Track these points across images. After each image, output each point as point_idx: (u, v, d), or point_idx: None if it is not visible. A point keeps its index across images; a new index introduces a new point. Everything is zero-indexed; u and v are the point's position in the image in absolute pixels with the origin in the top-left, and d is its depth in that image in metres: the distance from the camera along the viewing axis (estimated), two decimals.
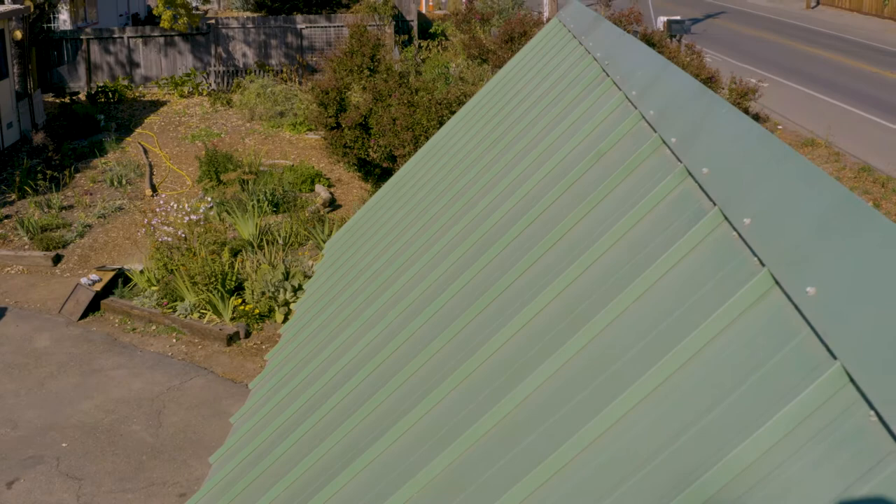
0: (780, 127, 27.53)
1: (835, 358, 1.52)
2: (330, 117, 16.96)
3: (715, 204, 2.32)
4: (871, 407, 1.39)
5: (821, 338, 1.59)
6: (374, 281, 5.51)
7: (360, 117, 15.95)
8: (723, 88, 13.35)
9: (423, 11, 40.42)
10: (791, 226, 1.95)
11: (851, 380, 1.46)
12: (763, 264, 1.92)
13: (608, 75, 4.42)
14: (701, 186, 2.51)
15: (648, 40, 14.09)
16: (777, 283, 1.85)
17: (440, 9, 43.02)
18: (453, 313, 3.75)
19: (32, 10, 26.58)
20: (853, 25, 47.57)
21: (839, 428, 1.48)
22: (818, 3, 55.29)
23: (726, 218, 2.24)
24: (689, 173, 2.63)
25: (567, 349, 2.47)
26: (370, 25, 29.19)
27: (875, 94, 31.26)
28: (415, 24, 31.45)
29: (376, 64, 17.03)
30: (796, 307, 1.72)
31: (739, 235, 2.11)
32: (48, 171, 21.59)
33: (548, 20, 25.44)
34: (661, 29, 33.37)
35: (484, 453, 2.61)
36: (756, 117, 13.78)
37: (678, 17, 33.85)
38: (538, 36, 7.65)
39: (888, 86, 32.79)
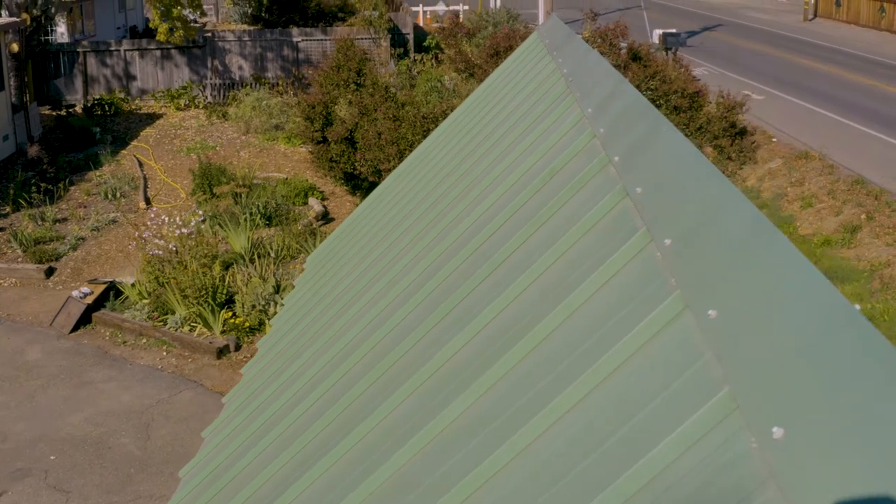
0: (774, 140, 27.58)
1: (725, 383, 1.53)
2: (316, 131, 17.00)
3: (644, 224, 2.34)
4: (753, 434, 1.40)
5: (717, 362, 1.61)
6: (344, 296, 5.53)
7: (346, 131, 16.00)
8: (710, 102, 13.41)
9: (421, 24, 40.50)
10: (705, 248, 1.97)
11: (738, 406, 1.47)
12: (677, 286, 1.93)
13: (571, 92, 4.45)
14: (635, 205, 2.53)
15: (636, 54, 14.15)
16: (687, 305, 1.87)
17: (437, 22, 43.09)
18: (412, 325, 3.77)
19: (29, 22, 26.66)
20: (850, 38, 47.67)
21: (724, 454, 1.48)
22: (815, 16, 55.42)
23: (653, 238, 2.25)
24: (627, 192, 2.65)
25: (507, 361, 2.49)
26: (366, 39, 29.27)
27: (871, 107, 31.32)
28: (411, 38, 31.52)
29: (362, 78, 17.09)
30: (701, 330, 1.73)
31: (662, 256, 2.13)
32: (42, 184, 21.63)
33: (587, 36, 25.52)
34: (657, 42, 33.46)
35: (427, 462, 2.62)
36: (744, 130, 13.82)
37: (674, 31, 33.95)
38: (518, 50, 7.68)
39: (884, 98, 32.85)
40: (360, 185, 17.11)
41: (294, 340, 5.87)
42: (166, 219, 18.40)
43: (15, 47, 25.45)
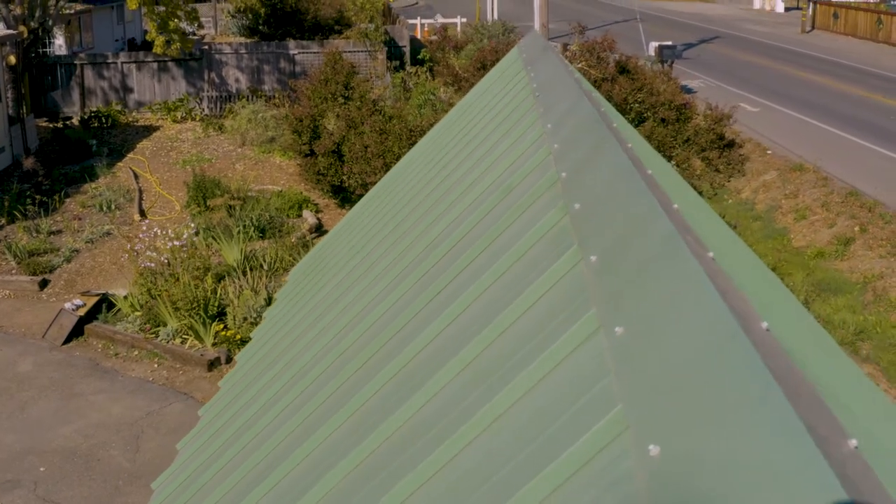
0: (769, 152, 27.64)
1: (619, 401, 1.56)
2: (304, 144, 17.06)
3: (576, 241, 2.37)
4: (635, 452, 1.42)
5: (616, 379, 1.63)
6: (318, 310, 5.56)
7: (334, 144, 16.06)
8: (697, 115, 13.47)
9: (418, 37, 40.60)
10: (622, 265, 2.00)
11: (628, 424, 1.50)
12: (594, 303, 1.96)
13: (536, 107, 4.49)
14: (572, 222, 2.56)
15: (623, 67, 14.21)
16: (601, 322, 1.90)
17: (435, 34, 43.15)
18: (368, 339, 3.80)
19: (26, 35, 26.76)
20: (847, 50, 47.78)
21: (612, 472, 1.50)
22: (813, 28, 55.55)
23: (582, 256, 2.29)
24: (568, 209, 2.68)
25: (439, 379, 2.52)
26: (362, 51, 29.37)
27: (866, 119, 31.38)
28: (407, 50, 31.63)
29: (350, 91, 17.16)
30: (609, 347, 1.76)
31: (587, 273, 2.16)
32: (38, 196, 21.68)
33: (576, 49, 25.62)
34: (653, 54, 33.55)
35: (375, 465, 2.66)
36: (732, 142, 13.86)
37: (670, 43, 34.05)
38: (498, 65, 7.73)
39: (880, 110, 32.91)
40: (349, 197, 17.19)
41: (269, 353, 5.90)
42: (158, 231, 18.44)
43: (12, 59, 25.54)
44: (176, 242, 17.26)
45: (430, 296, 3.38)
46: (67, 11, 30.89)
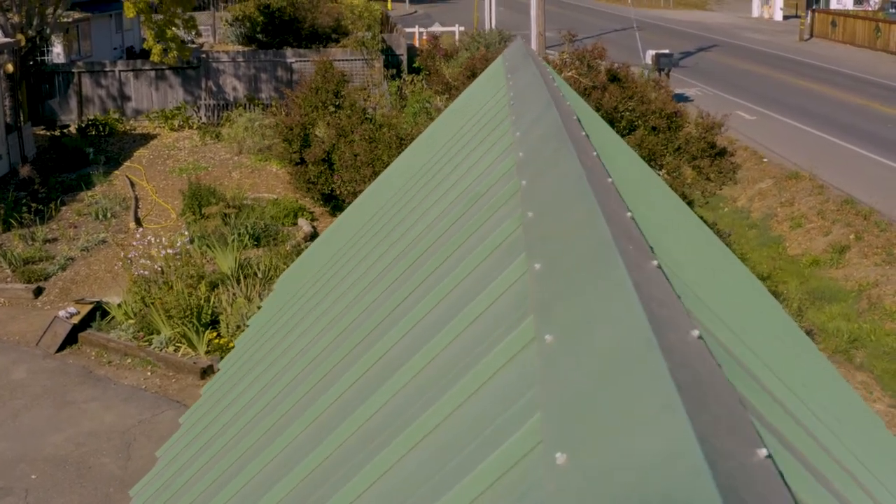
0: (765, 160, 27.66)
1: (536, 410, 1.57)
2: (294, 153, 17.10)
3: (524, 249, 2.39)
4: (544, 461, 1.43)
5: (540, 389, 1.64)
6: (299, 319, 5.57)
7: (324, 153, 16.09)
8: (689, 123, 13.49)
9: (416, 45, 40.64)
10: (560, 273, 2.01)
11: (542, 434, 1.50)
12: (531, 311, 1.97)
13: (510, 115, 4.51)
14: (524, 230, 2.58)
15: (614, 75, 14.23)
16: (537, 331, 1.91)
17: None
18: (331, 350, 3.82)
19: (24, 43, 26.82)
20: (846, 58, 47.84)
21: (524, 482, 1.51)
22: (811, 36, 55.62)
23: (529, 264, 2.30)
24: (523, 217, 2.70)
25: (399, 378, 2.53)
26: (359, 60, 29.43)
27: (863, 127, 31.42)
28: (404, 59, 31.67)
29: (341, 100, 17.20)
30: (539, 356, 1.77)
31: (531, 282, 2.17)
32: (34, 204, 21.71)
33: (567, 58, 25.67)
34: (650, 62, 33.61)
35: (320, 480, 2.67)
36: (723, 151, 13.88)
37: (667, 51, 34.11)
38: (483, 73, 7.76)
39: (877, 118, 32.95)
40: (340, 206, 17.23)
41: (249, 360, 5.92)
42: (152, 239, 18.46)
43: (10, 67, 25.59)
44: (170, 250, 17.28)
45: (393, 304, 3.40)
46: (65, 20, 30.95)
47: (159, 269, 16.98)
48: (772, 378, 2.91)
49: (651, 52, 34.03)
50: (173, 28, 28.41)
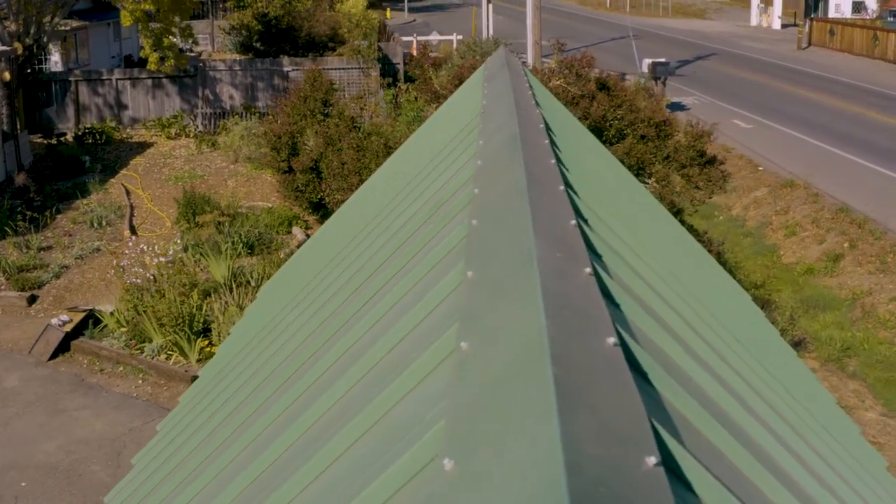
0: (760, 168, 27.69)
1: (442, 417, 1.58)
2: (283, 161, 17.14)
3: (463, 258, 2.41)
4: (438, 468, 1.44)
5: (449, 396, 1.66)
6: (274, 328, 5.59)
7: (311, 161, 16.14)
8: (678, 132, 13.52)
9: (414, 54, 40.70)
10: (487, 281, 2.03)
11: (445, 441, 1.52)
12: (457, 319, 1.99)
13: (479, 123, 4.53)
14: (467, 238, 2.60)
15: (603, 84, 14.27)
16: (459, 339, 1.92)
17: (432, 52, 43.28)
18: (305, 368, 3.84)
19: (21, 51, 26.86)
20: (843, 66, 47.91)
21: (423, 491, 1.52)
22: (809, 45, 55.70)
23: (465, 272, 2.31)
24: (468, 226, 2.71)
25: (341, 385, 2.55)
26: (356, 68, 29.49)
27: (859, 135, 31.45)
28: (401, 67, 31.73)
29: (329, 108, 17.25)
30: (455, 363, 1.79)
31: (463, 289, 2.19)
32: (28, 212, 21.74)
33: (532, 65, 25.74)
34: (647, 71, 33.66)
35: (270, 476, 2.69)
36: (713, 159, 13.91)
37: (663, 60, 34.16)
38: (467, 81, 7.79)
39: (873, 127, 32.99)
40: (329, 214, 17.27)
41: (225, 367, 5.94)
42: (145, 247, 18.49)
43: (6, 76, 25.65)
44: (162, 258, 17.30)
45: (349, 313, 3.42)
46: (63, 28, 31.02)
47: (151, 277, 17.00)
48: (717, 389, 2.93)
49: (647, 61, 34.07)
50: (170, 37, 28.46)
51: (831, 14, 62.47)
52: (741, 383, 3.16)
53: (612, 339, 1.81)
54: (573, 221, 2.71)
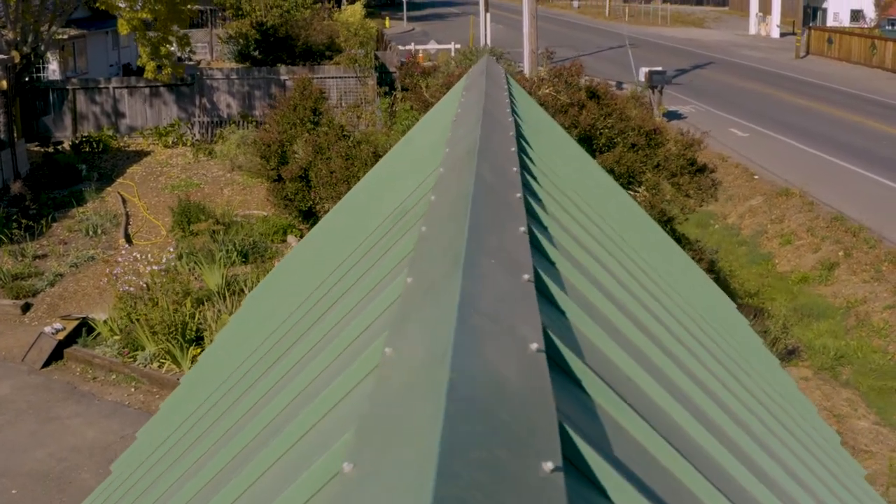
0: (756, 177, 27.71)
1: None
2: (272, 169, 17.19)
3: (408, 265, 2.43)
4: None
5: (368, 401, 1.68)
6: (241, 340, 5.61)
7: (301, 170, 16.19)
8: (668, 141, 13.55)
9: (420, 62, 40.78)
10: (421, 287, 2.04)
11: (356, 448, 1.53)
12: (385, 327, 2.01)
13: (450, 131, 4.56)
14: (416, 245, 2.62)
15: (593, 92, 14.30)
16: (386, 345, 1.94)
17: (430, 60, 43.48)
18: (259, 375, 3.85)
19: (19, 60, 26.93)
20: (841, 75, 47.98)
21: (325, 496, 1.53)
22: (807, 53, 55.78)
23: (406, 279, 2.34)
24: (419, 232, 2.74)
25: (291, 390, 2.57)
26: (352, 77, 29.55)
27: (856, 144, 31.48)
28: (397, 76, 31.78)
29: (319, 117, 17.30)
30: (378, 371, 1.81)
31: (400, 297, 2.21)
32: (24, 221, 21.77)
33: (529, 75, 25.78)
34: (643, 80, 33.71)
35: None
36: (703, 167, 13.93)
37: (659, 69, 34.21)
38: (450, 91, 7.81)
39: (869, 135, 33.02)
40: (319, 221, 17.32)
41: (203, 374, 5.95)
42: (138, 255, 18.51)
43: (3, 84, 25.71)
44: (155, 267, 17.32)
45: (313, 318, 3.43)
46: (61, 36, 31.09)
47: (145, 285, 17.01)
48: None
49: (644, 70, 34.12)
50: (167, 45, 28.54)
51: (830, 23, 62.61)
52: (696, 390, 3.17)
53: (535, 345, 1.82)
54: (522, 228, 2.72)
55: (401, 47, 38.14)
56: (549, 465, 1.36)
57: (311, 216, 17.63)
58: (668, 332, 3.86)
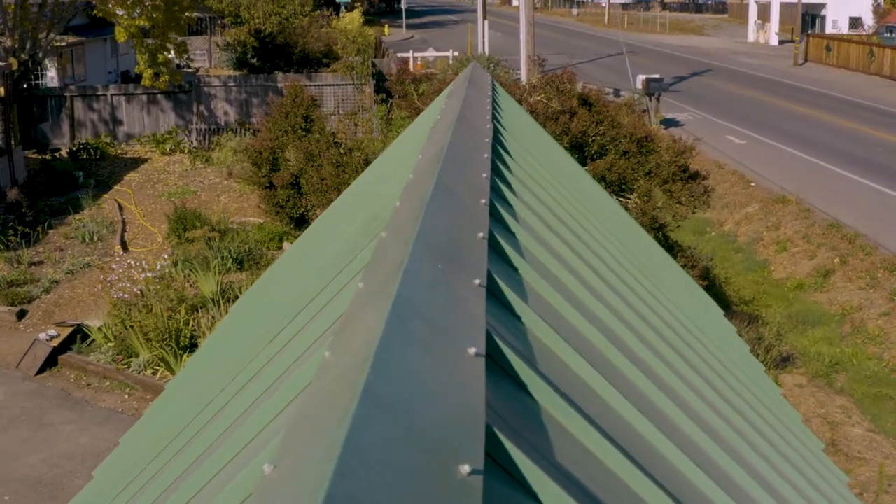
0: (752, 184, 27.73)
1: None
2: (264, 176, 17.24)
3: (362, 268, 2.45)
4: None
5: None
6: (217, 349, 5.63)
7: (292, 177, 16.25)
8: (660, 148, 13.57)
9: (410, 70, 40.82)
10: (369, 291, 2.06)
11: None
12: (331, 333, 2.03)
13: (427, 138, 4.58)
14: (374, 250, 2.64)
15: (585, 99, 14.34)
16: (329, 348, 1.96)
17: (428, 67, 43.56)
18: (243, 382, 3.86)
19: (16, 66, 26.99)
20: (840, 82, 48.03)
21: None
22: (806, 61, 55.85)
23: (359, 283, 2.36)
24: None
25: (247, 394, 2.59)
26: (349, 84, 29.61)
27: (853, 151, 31.51)
28: (389, 83, 31.83)
29: (310, 124, 17.35)
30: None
31: (351, 302, 2.23)
32: (20, 227, 21.78)
33: (526, 83, 25.83)
34: (640, 87, 33.76)
35: None
36: (696, 174, 13.95)
37: (657, 76, 34.26)
38: (437, 99, 7.84)
39: (867, 142, 33.05)
40: None
41: (183, 381, 5.96)
42: (132, 262, 18.53)
43: (1, 91, 25.75)
44: (149, 273, 17.34)
45: (284, 322, 3.45)
46: (59, 44, 31.16)
47: (139, 292, 17.03)
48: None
49: (641, 77, 34.17)
50: (165, 52, 28.60)
51: (829, 30, 62.72)
52: (664, 398, 3.18)
53: (473, 350, 1.84)
54: (482, 234, 2.74)
55: (399, 55, 38.20)
56: (466, 468, 1.37)
57: (302, 223, 17.70)
58: (639, 340, 3.86)
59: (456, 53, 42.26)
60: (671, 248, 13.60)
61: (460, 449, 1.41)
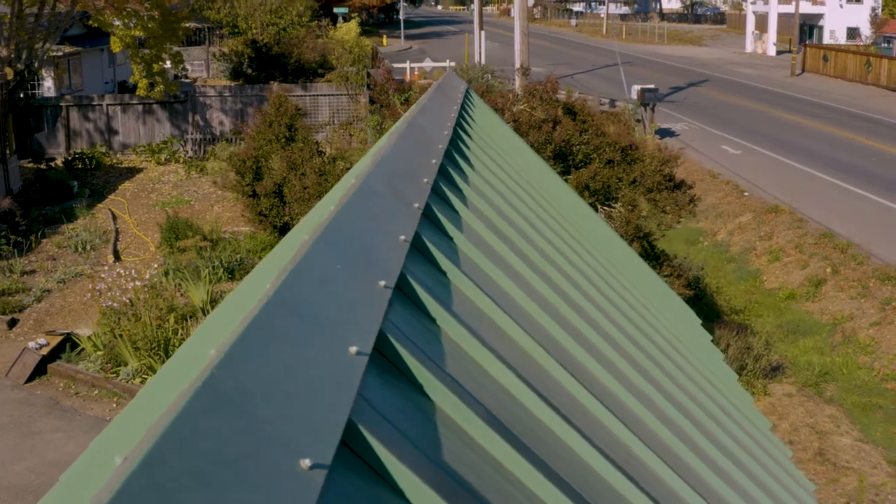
0: (746, 194, 27.76)
1: None
2: (247, 185, 17.28)
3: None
4: None
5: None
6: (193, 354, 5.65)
7: (275, 185, 16.29)
8: (645, 157, 13.61)
9: (408, 80, 40.90)
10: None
11: None
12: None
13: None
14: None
15: (570, 108, 14.38)
16: None
17: (426, 77, 43.62)
18: None
19: (12, 77, 27.07)
20: (837, 92, 48.10)
21: None
22: (803, 71, 55.93)
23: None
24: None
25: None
26: (345, 94, 29.68)
27: (848, 161, 31.55)
28: (389, 93, 31.89)
29: (294, 133, 17.40)
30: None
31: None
32: (13, 237, 21.84)
33: (520, 92, 25.89)
34: (635, 97, 33.82)
35: None
36: (682, 183, 13.97)
37: (651, 86, 34.32)
38: (413, 106, 7.86)
39: (862, 152, 33.09)
40: None
41: (159, 384, 5.99)
42: (122, 271, 18.57)
43: None
44: (139, 282, 17.38)
45: (225, 326, 3.49)
46: (55, 54, 31.25)
47: (128, 301, 17.06)
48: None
49: (636, 87, 34.23)
50: (160, 63, 28.69)
51: (826, 40, 62.79)
52: (602, 409, 3.20)
53: (354, 349, 1.86)
54: (404, 237, 2.76)
55: (396, 65, 38.30)
56: (307, 462, 1.40)
57: (286, 231, 17.74)
58: (581, 347, 3.88)
59: (453, 64, 42.36)
60: (657, 257, 13.62)
61: (307, 445, 1.44)
